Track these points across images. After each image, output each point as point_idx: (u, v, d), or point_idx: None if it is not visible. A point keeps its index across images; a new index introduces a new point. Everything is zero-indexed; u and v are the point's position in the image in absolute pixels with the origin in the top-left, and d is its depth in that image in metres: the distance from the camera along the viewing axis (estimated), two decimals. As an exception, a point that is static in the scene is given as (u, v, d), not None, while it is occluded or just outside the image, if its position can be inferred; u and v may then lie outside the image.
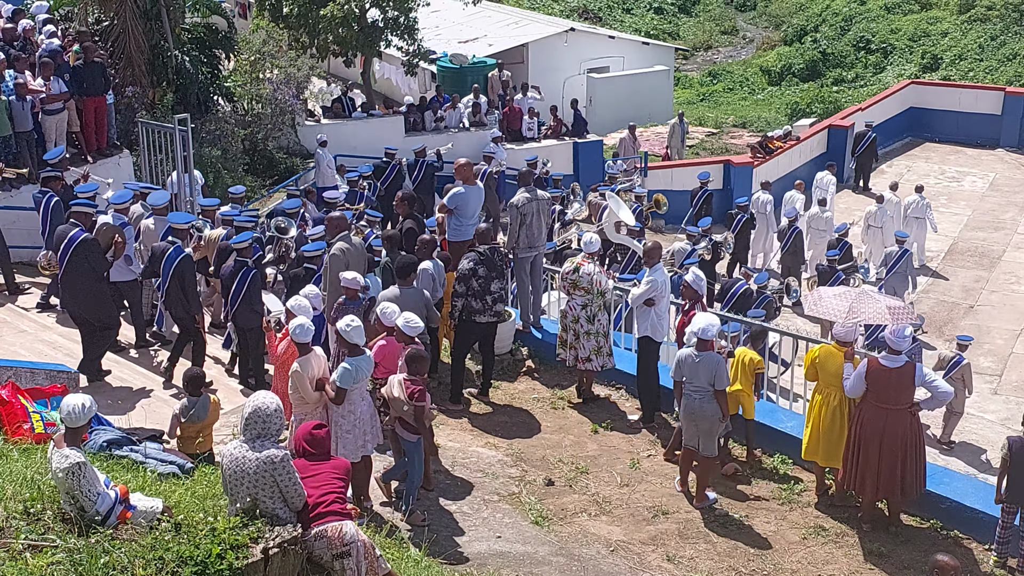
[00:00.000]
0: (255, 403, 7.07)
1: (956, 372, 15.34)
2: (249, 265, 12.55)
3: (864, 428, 10.45)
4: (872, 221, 22.67)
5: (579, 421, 12.57)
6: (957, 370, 15.37)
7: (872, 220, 22.69)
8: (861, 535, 10.56)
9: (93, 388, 11.92)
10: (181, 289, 12.65)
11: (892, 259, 20.19)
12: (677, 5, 54.67)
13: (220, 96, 23.23)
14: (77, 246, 12.37)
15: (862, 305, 11.11)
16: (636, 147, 28.43)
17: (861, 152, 28.43)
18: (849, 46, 46.11)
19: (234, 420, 10.84)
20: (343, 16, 26.36)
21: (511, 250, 13.66)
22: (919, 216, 23.02)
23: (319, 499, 7.12)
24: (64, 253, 12.42)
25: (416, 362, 9.87)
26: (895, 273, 20.05)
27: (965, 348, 15.89)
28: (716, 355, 10.79)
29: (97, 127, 17.69)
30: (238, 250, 12.69)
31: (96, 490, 6.76)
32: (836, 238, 20.99)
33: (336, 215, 13.54)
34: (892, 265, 20.11)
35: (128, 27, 19.77)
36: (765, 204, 23.03)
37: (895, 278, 20.05)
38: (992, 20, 43.60)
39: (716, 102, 42.36)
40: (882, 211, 22.63)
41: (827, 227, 22.17)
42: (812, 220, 22.63)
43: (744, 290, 17.27)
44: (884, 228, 22.46)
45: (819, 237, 22.15)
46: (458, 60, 30.65)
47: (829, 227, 22.12)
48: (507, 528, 10.25)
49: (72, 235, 12.42)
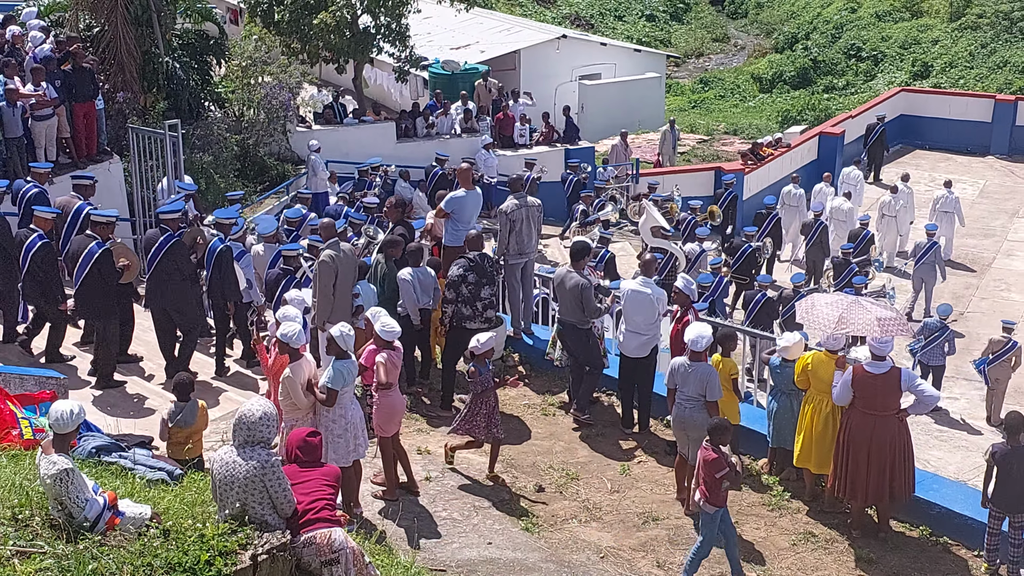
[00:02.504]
0: (242, 409, 7.08)
1: (1009, 356, 16.34)
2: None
3: (852, 434, 10.47)
4: (886, 211, 23.34)
5: (569, 427, 12.56)
6: (1011, 354, 16.34)
7: (886, 210, 23.35)
8: (851, 541, 10.57)
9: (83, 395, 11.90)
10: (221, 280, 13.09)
11: (921, 250, 20.71)
12: (669, 12, 54.77)
13: (211, 102, 23.21)
14: (167, 250, 12.58)
15: (853, 315, 11.09)
16: (628, 154, 28.49)
17: (872, 144, 29.14)
18: (840, 54, 46.24)
19: (224, 427, 10.86)
20: (335, 23, 26.35)
21: (501, 256, 13.66)
22: (948, 211, 23.57)
23: (309, 506, 7.11)
24: (153, 257, 12.66)
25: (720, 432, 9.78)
26: (924, 264, 20.61)
27: (1011, 331, 16.63)
28: (708, 366, 10.82)
29: (87, 133, 17.69)
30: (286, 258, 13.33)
31: (84, 496, 6.74)
32: (858, 228, 21.63)
33: (328, 220, 13.55)
34: (921, 256, 20.65)
35: (119, 33, 19.78)
36: (796, 197, 23.96)
37: (924, 269, 20.64)
38: (982, 28, 43.76)
39: (707, 109, 42.46)
40: (895, 200, 23.32)
41: (847, 219, 22.80)
42: (836, 212, 23.21)
43: (766, 300, 17.45)
44: (898, 218, 23.25)
45: (842, 230, 22.69)
46: (450, 67, 30.66)
47: (851, 219, 22.71)
48: (497, 535, 10.25)
49: (161, 240, 12.65)
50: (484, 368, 11.05)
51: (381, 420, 10.35)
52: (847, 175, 25.82)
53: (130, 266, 12.96)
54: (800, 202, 23.98)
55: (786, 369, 11.38)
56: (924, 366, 16.97)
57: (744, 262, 20.47)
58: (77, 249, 12.39)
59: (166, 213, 13.07)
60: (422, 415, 12.49)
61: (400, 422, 10.58)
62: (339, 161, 24.47)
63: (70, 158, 17.42)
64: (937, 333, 16.86)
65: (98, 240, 12.40)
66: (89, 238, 12.43)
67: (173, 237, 12.67)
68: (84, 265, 12.23)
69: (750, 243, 20.89)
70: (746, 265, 20.45)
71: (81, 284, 12.34)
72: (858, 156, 28.63)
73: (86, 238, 12.45)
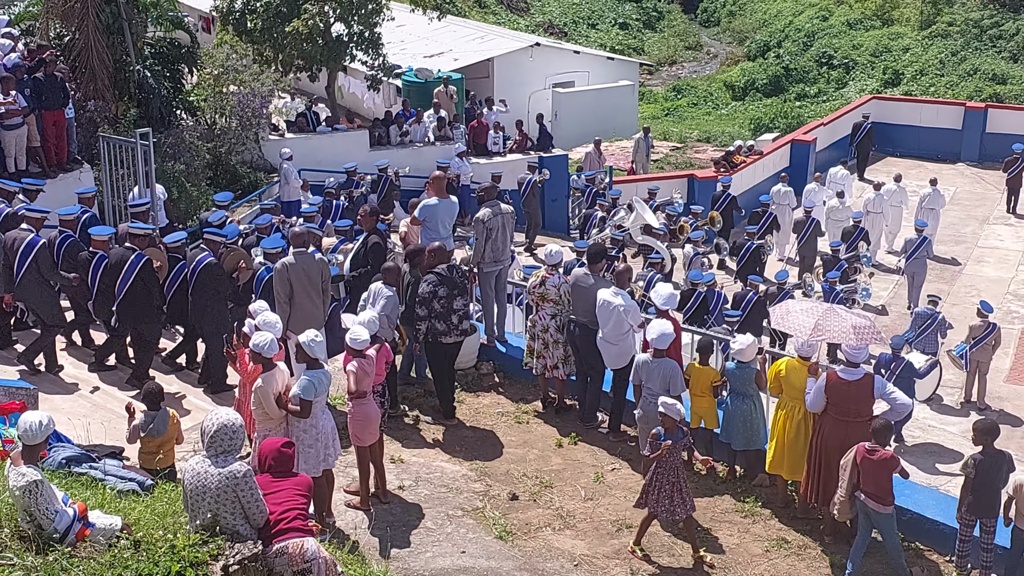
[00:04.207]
0: (222, 419, 7.02)
1: (990, 339, 16.90)
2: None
3: (825, 440, 10.52)
4: (871, 208, 24.02)
5: (543, 435, 12.56)
6: (991, 336, 16.91)
7: (871, 207, 24.05)
8: (823, 547, 10.61)
9: (49, 405, 11.81)
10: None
11: (912, 246, 21.24)
12: (642, 21, 55.05)
13: (183, 110, 23.10)
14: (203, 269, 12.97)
15: (828, 322, 11.14)
16: (601, 161, 28.54)
17: (859, 141, 29.98)
18: (812, 61, 46.57)
19: (195, 436, 10.79)
20: (308, 31, 26.29)
21: (476, 265, 13.65)
22: (933, 208, 24.32)
23: (281, 515, 7.08)
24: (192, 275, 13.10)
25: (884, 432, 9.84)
26: (915, 259, 21.19)
27: (987, 316, 17.13)
28: (671, 362, 10.95)
29: (57, 142, 17.56)
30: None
31: (54, 508, 6.70)
32: (852, 225, 22.24)
33: (297, 229, 13.47)
34: (912, 251, 21.18)
35: (90, 41, 19.62)
36: (785, 195, 24.57)
37: (915, 263, 21.23)
38: (953, 36, 44.18)
39: (680, 117, 42.66)
40: (879, 198, 24.09)
41: (844, 218, 23.41)
42: (831, 212, 23.90)
43: (756, 300, 17.66)
44: (883, 214, 24.05)
45: (837, 228, 23.22)
46: (423, 75, 30.65)
47: (845, 218, 23.33)
48: (471, 543, 10.23)
49: (200, 258, 13.06)
50: (677, 436, 10.09)
51: (356, 429, 10.31)
52: (835, 175, 26.61)
53: (163, 266, 13.38)
54: (789, 199, 24.63)
55: (743, 371, 11.48)
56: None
57: (748, 260, 21.06)
58: (118, 261, 12.85)
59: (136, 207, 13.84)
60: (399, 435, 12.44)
61: (376, 431, 10.51)
62: (312, 169, 24.39)
63: (40, 167, 17.29)
64: (929, 321, 17.32)
65: (137, 252, 12.89)
66: (129, 250, 12.92)
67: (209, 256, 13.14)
68: (127, 276, 12.73)
69: (752, 241, 21.39)
70: (750, 263, 21.01)
71: (125, 294, 12.81)
72: (845, 156, 28.92)
73: (126, 250, 12.93)
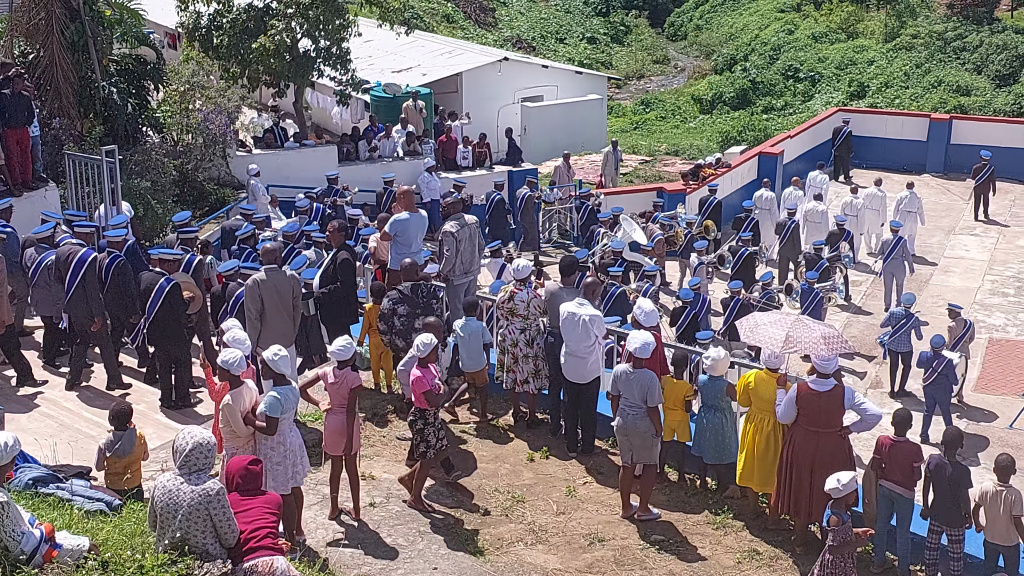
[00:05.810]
0: (196, 437, 6.97)
1: (967, 338, 17.47)
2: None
3: (796, 452, 10.55)
4: (848, 211, 24.61)
5: (515, 450, 12.54)
6: (969, 333, 17.50)
7: (848, 210, 24.70)
8: (795, 558, 10.64)
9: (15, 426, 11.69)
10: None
11: (889, 247, 21.73)
12: (610, 35, 55.29)
13: (149, 127, 22.97)
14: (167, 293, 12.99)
15: (798, 333, 11.18)
16: (570, 175, 28.60)
17: (839, 146, 30.91)
18: (778, 75, 46.90)
19: (163, 456, 10.71)
20: (275, 47, 26.20)
21: (446, 278, 13.63)
22: (911, 210, 24.96)
23: (251, 534, 7.04)
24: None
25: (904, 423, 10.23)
26: (892, 260, 21.63)
27: (958, 314, 17.67)
28: (650, 372, 10.91)
29: (22, 159, 17.38)
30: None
31: (20, 529, 6.62)
32: (837, 229, 22.99)
33: (270, 245, 13.40)
34: (889, 252, 21.65)
35: (55, 59, 19.51)
36: (768, 200, 25.46)
37: (893, 264, 21.68)
38: (917, 48, 44.62)
39: (649, 130, 42.82)
40: (856, 201, 24.82)
41: (823, 220, 24.37)
42: (809, 214, 24.56)
43: (741, 305, 17.81)
44: (860, 217, 24.79)
45: (815, 230, 24.07)
46: (392, 90, 30.63)
47: (825, 220, 24.34)
48: (443, 559, 10.19)
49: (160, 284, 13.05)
50: (847, 514, 9.62)
51: (326, 438, 10.46)
52: (813, 179, 27.16)
53: (195, 298, 13.65)
54: (772, 205, 25.37)
55: (715, 384, 11.51)
56: (893, 353, 17.78)
57: (742, 266, 21.32)
58: (147, 285, 13.02)
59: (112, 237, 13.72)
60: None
61: (346, 444, 10.39)
62: (280, 185, 24.32)
63: (5, 186, 17.12)
64: (903, 321, 17.59)
65: (166, 276, 13.01)
66: (158, 275, 13.05)
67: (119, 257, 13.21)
68: (156, 299, 12.84)
69: (746, 247, 21.62)
70: (744, 269, 21.27)
71: (154, 317, 12.92)
72: (811, 168, 28.94)
73: (155, 275, 13.08)
